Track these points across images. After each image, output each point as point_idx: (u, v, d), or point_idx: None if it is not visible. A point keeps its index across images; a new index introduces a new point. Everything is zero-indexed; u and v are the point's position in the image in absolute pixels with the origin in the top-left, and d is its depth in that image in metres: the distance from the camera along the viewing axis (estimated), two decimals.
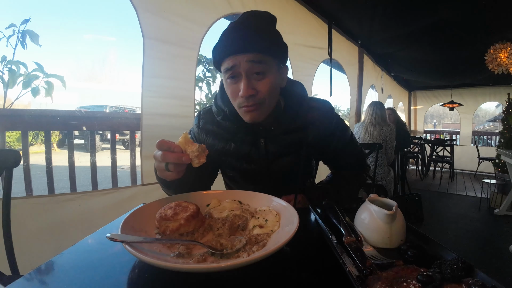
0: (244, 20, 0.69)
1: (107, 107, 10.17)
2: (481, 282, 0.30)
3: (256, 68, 0.66)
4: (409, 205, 2.48)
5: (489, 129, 15.01)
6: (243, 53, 0.65)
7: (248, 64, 0.65)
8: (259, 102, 0.68)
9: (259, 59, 0.66)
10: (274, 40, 0.70)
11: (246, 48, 0.65)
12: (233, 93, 0.70)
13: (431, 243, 0.50)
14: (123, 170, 2.53)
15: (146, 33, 1.41)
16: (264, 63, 0.67)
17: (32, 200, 1.28)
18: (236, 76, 0.68)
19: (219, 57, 0.69)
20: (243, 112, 0.71)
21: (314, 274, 0.44)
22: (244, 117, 0.72)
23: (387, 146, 2.63)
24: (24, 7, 33.74)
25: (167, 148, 0.53)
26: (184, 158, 0.52)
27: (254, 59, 0.65)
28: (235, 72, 0.67)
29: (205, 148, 0.55)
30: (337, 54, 3.08)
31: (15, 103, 1.74)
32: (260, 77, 0.67)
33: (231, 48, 0.66)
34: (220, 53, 0.68)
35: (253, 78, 0.67)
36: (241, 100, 0.68)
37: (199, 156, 0.54)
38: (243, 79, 0.66)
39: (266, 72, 0.68)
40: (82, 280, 0.40)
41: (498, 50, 3.29)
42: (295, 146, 0.80)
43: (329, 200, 0.72)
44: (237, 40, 0.65)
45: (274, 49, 0.69)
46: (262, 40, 0.66)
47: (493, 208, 3.44)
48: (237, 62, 0.65)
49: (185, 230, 0.50)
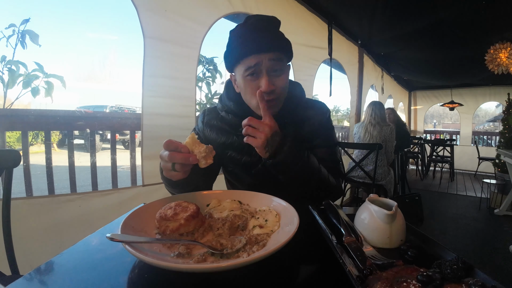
0: (258, 23, 0.74)
1: (107, 107, 10.17)
2: (481, 282, 0.30)
3: (276, 66, 0.72)
4: (409, 205, 2.47)
5: (489, 129, 15.02)
6: (267, 51, 0.70)
7: (270, 62, 0.71)
8: (277, 97, 0.74)
9: (278, 57, 0.72)
10: (286, 40, 0.77)
11: (269, 48, 0.70)
12: (252, 89, 0.73)
13: (431, 243, 0.50)
14: (123, 170, 2.53)
15: (146, 32, 1.41)
16: (281, 61, 0.73)
17: (32, 200, 1.27)
18: (256, 73, 0.72)
19: (238, 56, 0.73)
20: (261, 106, 0.72)
21: (314, 274, 0.44)
22: (261, 108, 0.73)
23: (387, 146, 2.63)
24: (24, 7, 33.83)
25: (174, 148, 0.53)
26: (191, 158, 0.53)
27: (275, 57, 0.71)
28: (256, 70, 0.71)
29: (212, 148, 0.55)
30: (337, 54, 3.08)
31: (15, 103, 1.73)
32: (278, 74, 0.73)
33: (254, 47, 0.70)
34: (240, 53, 0.72)
35: (272, 75, 0.72)
36: (261, 96, 0.71)
37: (206, 157, 0.54)
38: (264, 76, 0.71)
39: (283, 69, 0.74)
40: (82, 280, 0.40)
41: (498, 50, 3.28)
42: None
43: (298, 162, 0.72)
44: (259, 40, 0.70)
45: (287, 49, 0.76)
46: (281, 40, 0.74)
47: (493, 208, 3.44)
48: (260, 60, 0.70)
49: (185, 230, 0.50)
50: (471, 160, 6.04)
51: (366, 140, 2.66)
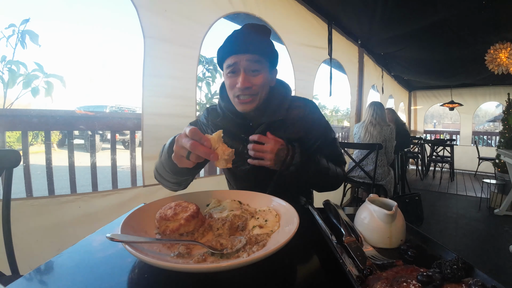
0: (245, 29, 0.83)
1: (107, 107, 10.17)
2: (481, 282, 0.30)
3: (253, 66, 0.78)
4: (409, 205, 2.47)
5: (489, 129, 15.02)
6: (244, 53, 0.77)
7: (247, 62, 0.77)
8: (254, 93, 0.80)
9: (256, 59, 0.78)
10: (269, 46, 0.83)
11: (246, 49, 0.77)
12: (231, 84, 0.80)
13: (431, 243, 0.50)
14: (123, 170, 2.53)
15: (146, 33, 1.40)
16: (259, 63, 0.79)
17: (32, 201, 1.27)
18: (235, 71, 0.79)
19: (223, 55, 0.80)
20: (237, 102, 0.82)
21: (314, 274, 0.44)
22: (238, 106, 0.83)
23: (387, 146, 2.63)
24: (24, 7, 33.79)
25: (198, 139, 0.52)
26: (212, 155, 0.52)
27: (252, 58, 0.77)
28: (235, 68, 0.78)
29: (233, 153, 0.55)
30: (337, 54, 3.08)
31: (15, 103, 1.74)
32: (256, 74, 0.79)
33: (234, 48, 0.78)
34: (224, 53, 0.80)
35: (250, 74, 0.78)
36: (238, 91, 0.79)
37: (228, 160, 0.54)
38: (241, 74, 0.77)
39: (260, 70, 0.80)
40: (82, 280, 0.40)
41: (498, 50, 3.28)
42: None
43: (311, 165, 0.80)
44: (239, 42, 0.78)
45: (267, 52, 0.82)
46: (259, 44, 0.80)
47: (493, 208, 3.44)
48: (238, 60, 0.77)
49: (185, 230, 0.50)
50: (471, 160, 6.04)
51: (366, 140, 2.66)
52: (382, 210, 0.51)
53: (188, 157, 0.53)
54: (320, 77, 2.97)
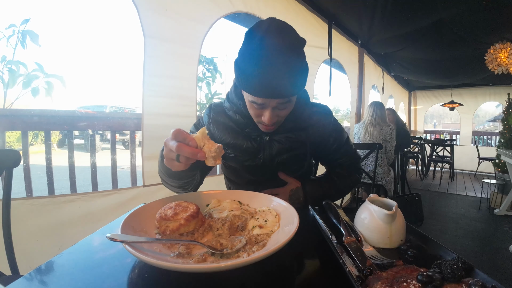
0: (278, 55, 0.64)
1: (107, 107, 10.18)
2: (481, 282, 0.30)
3: (282, 106, 0.72)
4: (409, 205, 2.47)
5: (489, 129, 15.01)
6: (274, 98, 0.68)
7: (276, 104, 0.70)
8: (278, 123, 0.79)
9: (285, 100, 0.71)
10: (303, 80, 0.71)
11: (275, 95, 0.67)
12: (255, 114, 0.75)
13: (431, 243, 0.50)
14: (123, 170, 2.53)
15: (147, 32, 1.40)
16: (289, 101, 0.72)
17: (32, 201, 1.27)
18: (262, 105, 0.71)
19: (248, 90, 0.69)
20: (261, 126, 0.79)
21: (314, 274, 0.44)
22: (260, 127, 0.80)
23: (387, 146, 2.64)
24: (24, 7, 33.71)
25: (182, 140, 0.50)
26: (199, 154, 0.50)
27: (283, 101, 0.70)
28: (262, 106, 0.71)
29: (222, 148, 0.53)
30: (337, 54, 3.08)
31: (15, 103, 1.74)
32: (283, 107, 0.73)
33: (261, 91, 0.67)
34: (250, 89, 0.68)
35: (277, 110, 0.73)
36: (261, 123, 0.76)
37: (216, 156, 0.52)
38: (268, 110, 0.71)
39: (289, 102, 0.73)
40: (82, 280, 0.40)
41: (498, 50, 3.28)
42: (297, 145, 0.86)
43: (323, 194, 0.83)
44: (267, 85, 0.65)
45: (300, 88, 0.72)
46: (292, 86, 0.68)
47: (493, 208, 3.44)
48: (266, 101, 0.70)
49: (185, 230, 0.50)
50: (471, 160, 6.04)
51: (366, 140, 2.66)
52: (382, 210, 0.51)
53: (177, 160, 0.52)
54: (320, 77, 2.97)
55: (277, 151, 0.85)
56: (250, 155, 0.86)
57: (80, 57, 50.59)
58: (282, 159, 0.86)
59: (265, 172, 0.87)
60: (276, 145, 0.84)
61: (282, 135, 0.84)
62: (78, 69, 43.05)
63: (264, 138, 0.84)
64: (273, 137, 0.84)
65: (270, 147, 0.85)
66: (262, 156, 0.85)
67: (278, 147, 0.85)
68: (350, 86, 3.71)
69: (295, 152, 0.86)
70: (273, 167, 0.86)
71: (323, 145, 0.90)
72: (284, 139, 0.84)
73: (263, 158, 0.86)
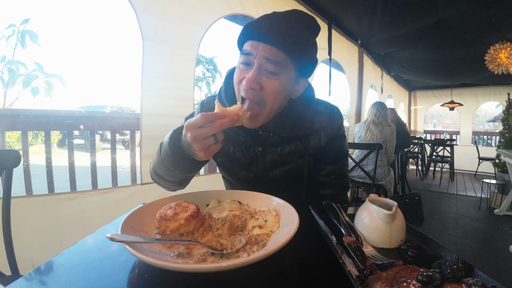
0: (286, 13, 0.65)
1: (107, 107, 10.18)
2: (481, 282, 0.30)
3: (270, 67, 0.62)
4: (409, 205, 2.47)
5: (489, 129, 15.00)
6: (264, 42, 0.61)
7: (264, 59, 0.61)
8: (259, 99, 0.64)
9: (277, 57, 0.61)
10: (302, 46, 0.64)
11: (267, 38, 0.61)
12: (239, 77, 0.65)
13: (431, 243, 0.50)
14: (123, 170, 2.53)
15: (145, 34, 1.41)
16: (280, 65, 0.62)
17: (32, 199, 1.28)
18: (249, 63, 0.64)
19: (242, 37, 0.66)
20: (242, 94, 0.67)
21: (314, 274, 0.44)
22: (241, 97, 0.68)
23: (387, 146, 2.64)
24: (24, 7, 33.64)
25: (213, 118, 0.50)
26: (235, 118, 0.51)
27: (272, 55, 0.61)
28: (249, 60, 0.63)
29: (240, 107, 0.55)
30: (337, 54, 3.08)
31: (15, 103, 1.74)
32: (271, 76, 0.63)
33: (255, 32, 0.62)
34: (244, 32, 0.65)
35: (264, 74, 0.63)
36: (243, 89, 0.64)
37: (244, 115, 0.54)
38: (253, 70, 0.62)
39: (279, 74, 0.63)
40: (82, 280, 0.40)
41: (498, 50, 3.28)
42: (294, 156, 0.77)
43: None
44: (263, 26, 0.62)
45: (296, 54, 0.63)
46: (289, 37, 0.61)
47: (493, 208, 3.44)
48: (254, 51, 0.62)
49: (185, 230, 0.50)
50: (471, 160, 6.04)
51: (367, 139, 2.67)
52: (382, 210, 0.51)
53: (216, 141, 0.53)
54: (320, 77, 2.97)
55: (270, 164, 0.77)
56: (242, 167, 0.80)
57: (80, 57, 50.55)
58: (276, 174, 0.78)
59: (258, 187, 0.76)
60: (270, 156, 0.77)
61: (277, 147, 0.76)
62: (78, 69, 43.01)
63: (257, 149, 0.77)
64: (266, 148, 0.77)
65: (263, 159, 0.77)
66: (255, 169, 0.79)
67: (271, 159, 0.77)
68: (349, 86, 3.71)
69: (290, 165, 0.77)
70: (268, 182, 0.79)
71: (321, 155, 0.79)
72: (279, 149, 0.76)
73: (256, 172, 0.79)
